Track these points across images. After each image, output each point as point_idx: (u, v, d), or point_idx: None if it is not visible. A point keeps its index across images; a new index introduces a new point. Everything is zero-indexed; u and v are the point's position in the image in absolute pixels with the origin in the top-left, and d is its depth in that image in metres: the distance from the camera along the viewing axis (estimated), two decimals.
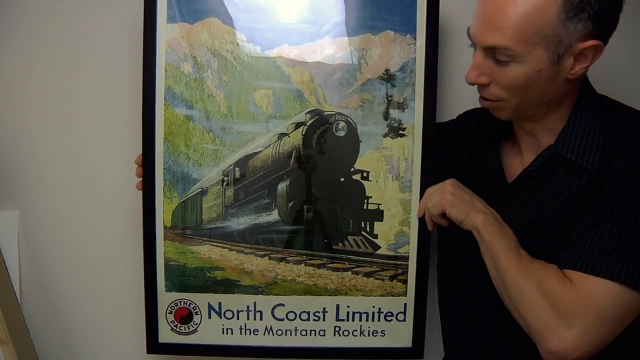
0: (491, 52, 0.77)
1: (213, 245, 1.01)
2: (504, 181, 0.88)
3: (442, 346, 1.01)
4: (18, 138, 1.14)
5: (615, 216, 0.73)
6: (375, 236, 1.00)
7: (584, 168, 0.77)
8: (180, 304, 1.02)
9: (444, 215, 0.89)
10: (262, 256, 1.01)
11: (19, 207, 1.16)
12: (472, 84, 0.82)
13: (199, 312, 1.02)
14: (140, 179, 1.00)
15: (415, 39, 0.97)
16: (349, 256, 1.00)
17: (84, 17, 1.11)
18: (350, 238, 1.00)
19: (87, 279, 1.19)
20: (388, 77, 0.98)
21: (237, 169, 0.99)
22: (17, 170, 1.15)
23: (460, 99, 1.07)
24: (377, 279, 1.01)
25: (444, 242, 1.00)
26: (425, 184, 0.98)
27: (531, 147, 0.86)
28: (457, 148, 0.98)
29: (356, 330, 1.02)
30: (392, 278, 1.01)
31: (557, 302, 0.74)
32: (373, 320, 1.02)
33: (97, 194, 1.16)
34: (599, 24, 0.74)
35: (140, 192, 1.00)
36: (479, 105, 0.87)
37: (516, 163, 0.89)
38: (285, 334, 1.02)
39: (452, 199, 0.87)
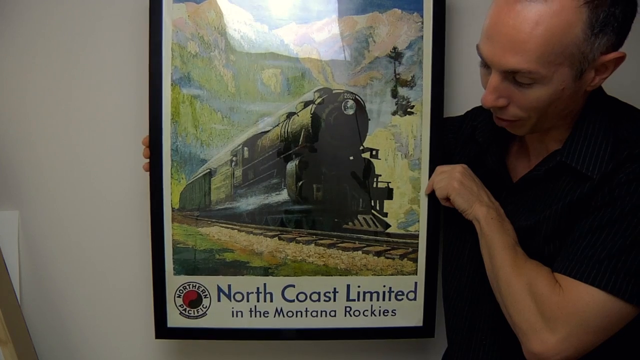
0: (510, 74, 0.73)
1: (222, 227, 1.00)
2: (509, 181, 0.88)
3: None
4: (18, 138, 1.12)
5: (612, 225, 0.72)
6: (385, 215, 1.00)
7: (588, 177, 0.76)
8: (189, 287, 1.00)
9: (448, 199, 0.90)
10: (272, 237, 1.00)
11: (19, 207, 1.14)
12: (490, 107, 0.79)
13: (208, 295, 1.01)
14: (147, 160, 0.98)
15: (422, 17, 0.97)
16: (359, 235, 1.00)
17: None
18: (360, 217, 1.00)
19: (87, 279, 1.17)
20: (396, 56, 0.98)
21: (245, 148, 0.99)
22: (17, 170, 1.13)
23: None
24: (387, 258, 1.00)
25: (449, 233, 1.00)
26: (434, 162, 0.98)
27: (540, 152, 0.85)
28: (463, 145, 0.98)
29: (367, 310, 1.02)
30: (402, 257, 1.01)
31: (543, 304, 0.74)
32: (384, 299, 1.02)
33: (98, 194, 1.14)
34: (621, 34, 0.72)
35: (143, 179, 0.98)
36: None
37: (522, 165, 0.88)
38: (296, 316, 1.02)
39: (459, 186, 0.87)
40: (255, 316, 1.02)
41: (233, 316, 1.01)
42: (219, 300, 1.01)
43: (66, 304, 1.18)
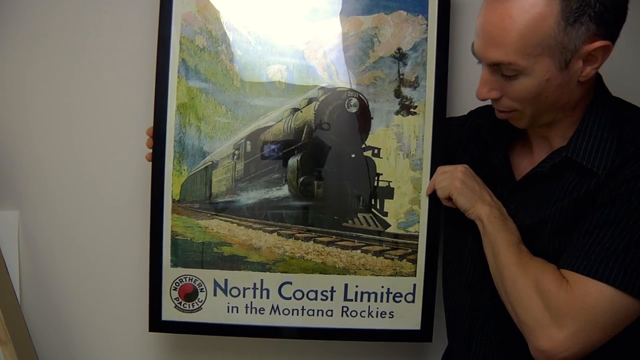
0: (497, 67, 0.77)
1: (221, 220, 0.99)
2: (512, 179, 0.88)
3: None
4: (18, 137, 1.13)
5: (619, 221, 0.73)
6: (385, 214, 0.99)
7: (594, 173, 0.77)
8: (185, 280, 1.00)
9: (450, 198, 0.89)
10: (271, 232, 0.99)
11: (19, 207, 1.15)
12: (484, 100, 0.83)
13: (204, 289, 1.00)
14: (150, 150, 0.99)
15: (427, 19, 0.99)
16: (358, 234, 0.99)
17: None
18: (360, 215, 0.99)
19: (88, 278, 1.17)
20: (400, 56, 0.99)
21: (248, 142, 0.99)
22: (17, 170, 1.14)
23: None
24: (386, 258, 0.99)
25: (449, 233, 0.99)
26: (435, 163, 0.98)
27: (543, 149, 0.86)
28: (467, 144, 0.99)
29: (364, 310, 1.00)
30: (401, 257, 1.00)
31: (551, 301, 0.73)
32: (382, 300, 1.00)
33: (98, 195, 1.15)
34: (603, 24, 0.73)
35: (143, 177, 0.99)
36: None
37: (526, 163, 0.89)
38: (292, 314, 1.00)
39: (461, 186, 0.87)
40: (251, 312, 1.00)
41: (228, 312, 1.00)
42: (215, 294, 1.00)
43: (66, 303, 1.17)
